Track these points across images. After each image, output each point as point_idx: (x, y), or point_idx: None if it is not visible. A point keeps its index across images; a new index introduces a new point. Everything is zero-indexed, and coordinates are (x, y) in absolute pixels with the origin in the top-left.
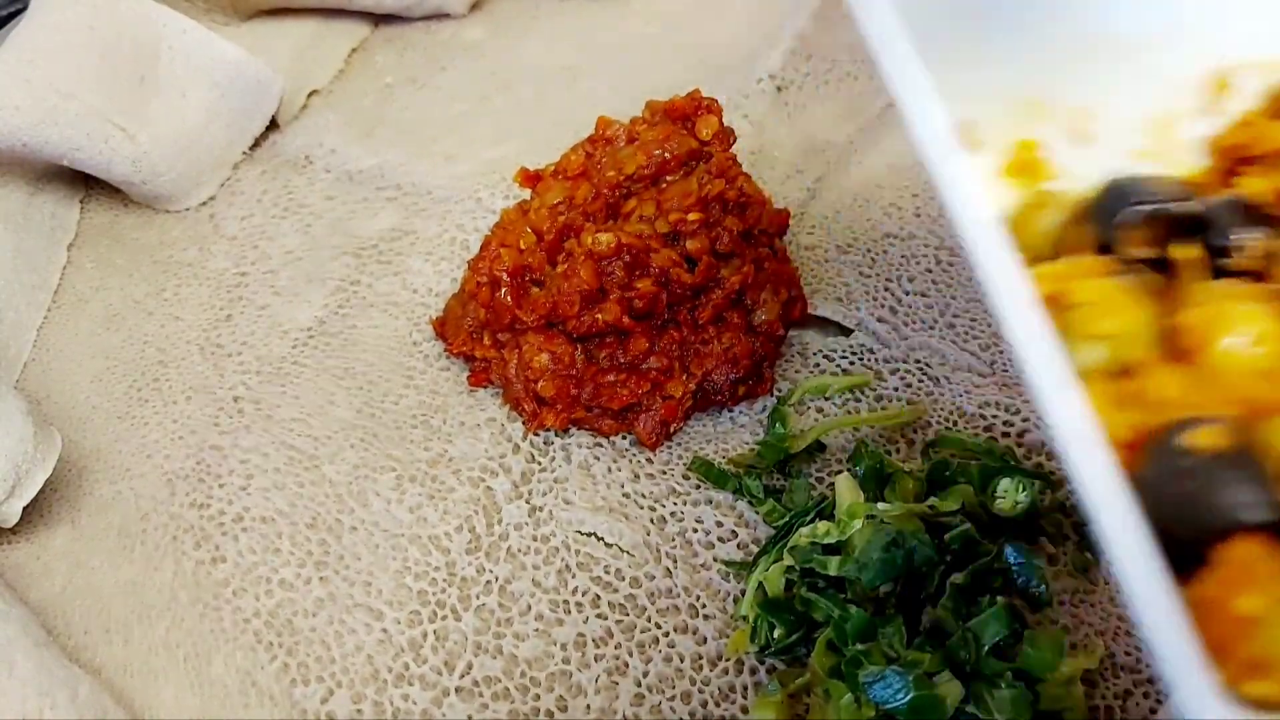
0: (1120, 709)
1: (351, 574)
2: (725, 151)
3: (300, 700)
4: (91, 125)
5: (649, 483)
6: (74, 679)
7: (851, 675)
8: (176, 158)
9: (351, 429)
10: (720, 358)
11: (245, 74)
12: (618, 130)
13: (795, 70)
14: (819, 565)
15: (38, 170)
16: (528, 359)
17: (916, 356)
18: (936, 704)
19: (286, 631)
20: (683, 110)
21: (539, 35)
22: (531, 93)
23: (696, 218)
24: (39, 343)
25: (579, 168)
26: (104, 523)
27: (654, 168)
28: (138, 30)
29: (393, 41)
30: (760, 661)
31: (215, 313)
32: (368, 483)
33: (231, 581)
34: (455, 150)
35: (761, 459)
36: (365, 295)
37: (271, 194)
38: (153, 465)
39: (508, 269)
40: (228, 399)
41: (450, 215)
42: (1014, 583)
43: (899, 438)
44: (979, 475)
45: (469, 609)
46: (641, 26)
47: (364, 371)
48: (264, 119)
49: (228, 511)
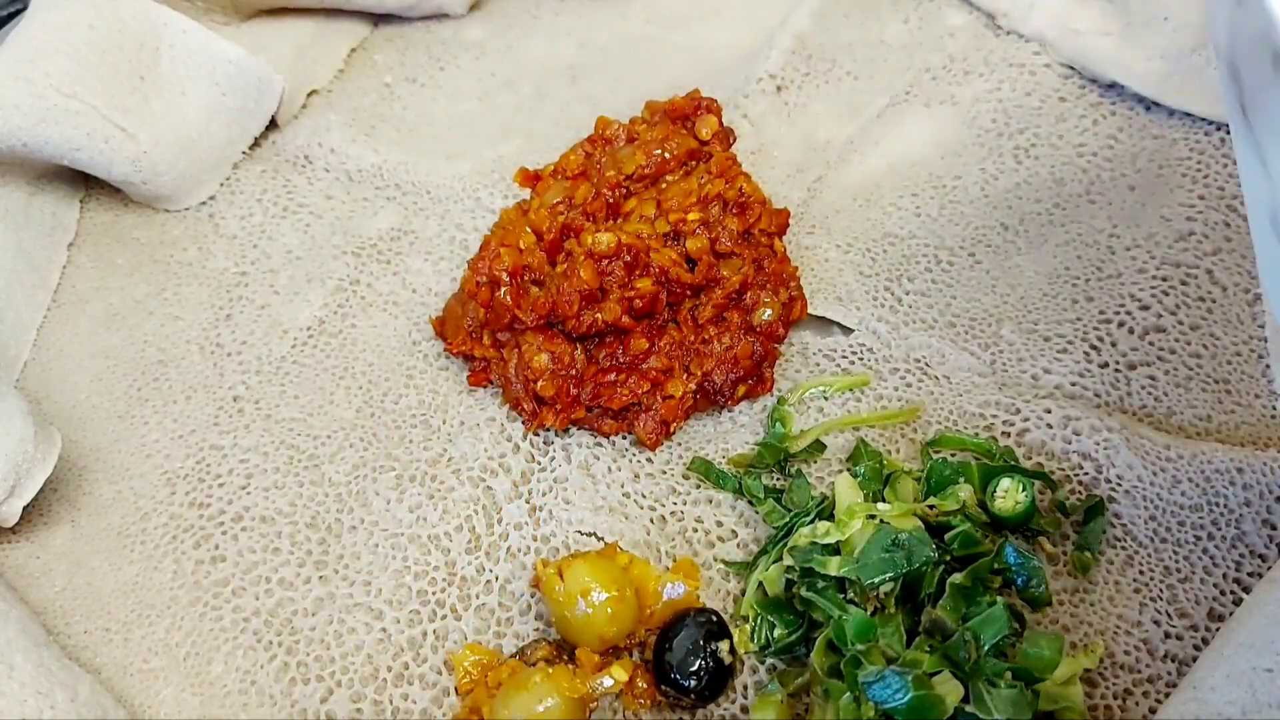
0: (1120, 709)
1: (351, 574)
2: (725, 151)
3: (300, 700)
4: (92, 125)
5: (649, 483)
6: (74, 679)
7: (851, 675)
8: (177, 157)
9: (351, 429)
10: (720, 358)
11: (245, 73)
12: (618, 130)
13: (795, 70)
14: (819, 565)
15: (38, 170)
16: (528, 359)
17: (916, 356)
18: (935, 704)
19: (286, 631)
20: (683, 110)
21: (539, 35)
22: (531, 92)
23: (696, 218)
24: (39, 342)
25: (579, 167)
26: (104, 523)
27: (654, 168)
28: (138, 30)
29: (393, 41)
30: (760, 661)
31: (215, 312)
32: (368, 482)
33: (231, 581)
34: (455, 150)
35: (761, 459)
36: (365, 295)
37: (271, 193)
38: (153, 465)
39: (508, 269)
40: (228, 399)
41: (450, 215)
42: (1014, 583)
43: (899, 438)
44: (979, 475)
45: (469, 609)
46: (641, 26)
47: (364, 371)
48: (264, 118)
49: (228, 511)
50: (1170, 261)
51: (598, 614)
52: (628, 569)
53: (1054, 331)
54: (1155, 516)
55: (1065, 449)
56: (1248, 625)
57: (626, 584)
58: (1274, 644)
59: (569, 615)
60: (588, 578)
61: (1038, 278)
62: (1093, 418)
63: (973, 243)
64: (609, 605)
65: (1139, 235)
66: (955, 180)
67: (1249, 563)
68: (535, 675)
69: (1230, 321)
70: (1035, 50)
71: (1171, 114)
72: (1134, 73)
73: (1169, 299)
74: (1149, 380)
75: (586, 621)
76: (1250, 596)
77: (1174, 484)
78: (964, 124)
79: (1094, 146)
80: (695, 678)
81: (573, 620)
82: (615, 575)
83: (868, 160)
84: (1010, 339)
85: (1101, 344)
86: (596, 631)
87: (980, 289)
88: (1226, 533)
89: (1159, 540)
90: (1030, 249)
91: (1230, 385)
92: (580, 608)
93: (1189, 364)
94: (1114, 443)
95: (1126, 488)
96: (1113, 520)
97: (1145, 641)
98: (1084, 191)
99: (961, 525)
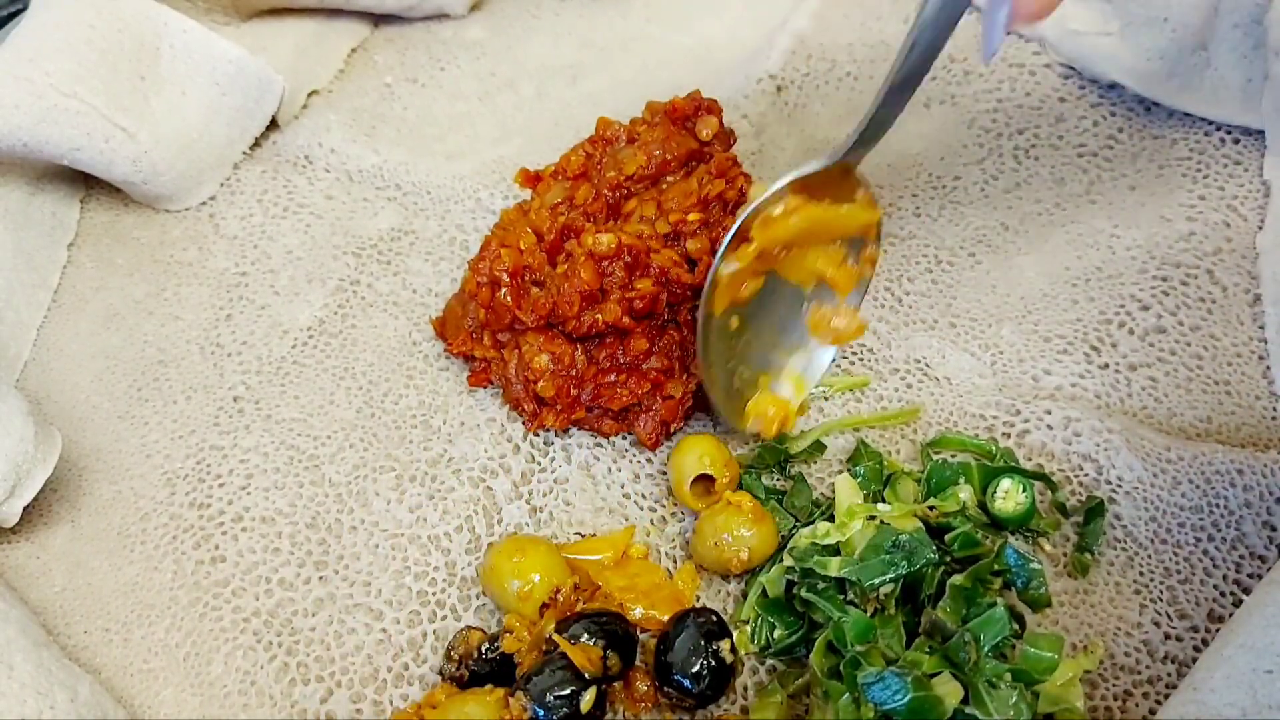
0: (1120, 709)
1: (351, 574)
2: (725, 151)
3: (300, 700)
4: (92, 124)
5: (649, 483)
6: (74, 679)
7: (850, 676)
8: (177, 157)
9: (352, 429)
10: None
11: (246, 73)
12: (618, 130)
13: (795, 70)
14: (819, 566)
15: (38, 170)
16: (528, 359)
17: (916, 357)
18: (935, 705)
19: (286, 631)
20: (683, 110)
21: (539, 35)
22: (532, 93)
23: (696, 218)
24: (39, 342)
25: (579, 168)
26: (104, 523)
27: (654, 168)
28: (138, 30)
29: (393, 41)
30: (760, 661)
31: (215, 312)
32: (368, 483)
33: (231, 581)
34: (456, 150)
35: (761, 460)
36: (365, 295)
37: (272, 194)
38: (153, 465)
39: (508, 269)
40: (228, 399)
41: (450, 215)
42: (1014, 584)
43: (899, 438)
44: (979, 476)
45: (469, 609)
46: (641, 26)
47: (364, 371)
48: (264, 118)
49: (228, 511)
50: (1170, 261)
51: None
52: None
53: (1054, 332)
54: (1156, 518)
55: (1066, 450)
56: (1247, 627)
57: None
58: (1274, 646)
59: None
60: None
61: (1038, 278)
62: (1093, 419)
63: (973, 243)
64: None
65: (1139, 235)
66: (955, 180)
67: (1249, 564)
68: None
69: (1231, 322)
70: (1035, 50)
71: (1171, 114)
72: (1134, 73)
73: (1169, 299)
74: (1150, 381)
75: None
76: (1250, 598)
77: (1174, 485)
78: (964, 124)
79: (1094, 146)
80: (697, 678)
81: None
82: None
83: (868, 160)
84: (1010, 339)
85: (1102, 345)
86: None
87: (980, 289)
88: (1227, 534)
89: (1159, 541)
90: (1030, 249)
91: (1231, 386)
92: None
93: (1189, 365)
94: (1114, 444)
95: (1127, 489)
96: (1113, 521)
97: (1145, 643)
98: (1084, 191)
99: (962, 526)
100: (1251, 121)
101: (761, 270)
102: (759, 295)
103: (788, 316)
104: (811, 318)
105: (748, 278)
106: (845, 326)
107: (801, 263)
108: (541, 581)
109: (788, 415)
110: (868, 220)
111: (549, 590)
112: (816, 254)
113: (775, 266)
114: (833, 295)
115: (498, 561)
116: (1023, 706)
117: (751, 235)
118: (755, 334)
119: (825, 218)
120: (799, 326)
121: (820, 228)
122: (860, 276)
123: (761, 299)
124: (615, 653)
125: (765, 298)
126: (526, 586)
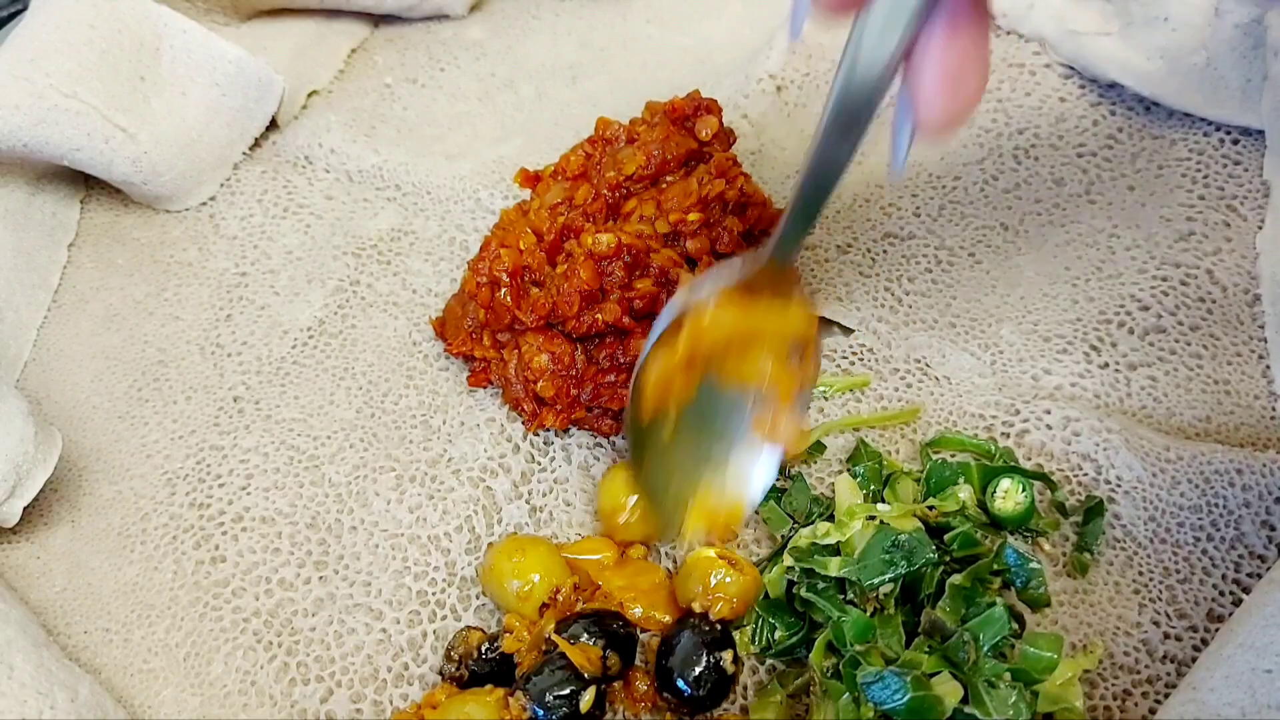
0: (1120, 709)
1: (351, 574)
2: (725, 151)
3: (300, 700)
4: (92, 125)
5: None
6: (74, 679)
7: (850, 676)
8: (177, 157)
9: (352, 429)
10: None
11: (245, 74)
12: (618, 130)
13: (795, 70)
14: (819, 566)
15: (38, 170)
16: (527, 359)
17: (916, 357)
18: (934, 705)
19: (286, 631)
20: (682, 110)
21: (539, 35)
22: (531, 93)
23: (696, 218)
24: (39, 343)
25: (579, 168)
26: (104, 523)
27: (654, 168)
28: (138, 30)
29: (393, 41)
30: (760, 662)
31: (215, 313)
32: (368, 483)
33: (231, 581)
34: (455, 150)
35: None
36: (365, 295)
37: (272, 194)
38: (153, 465)
39: (508, 269)
40: (228, 399)
41: (450, 215)
42: (1013, 583)
43: (899, 438)
44: (979, 476)
45: (469, 609)
46: (641, 26)
47: (364, 371)
48: (264, 119)
49: (228, 511)
50: (1170, 261)
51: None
52: None
53: (1054, 332)
54: (1155, 517)
55: (1065, 450)
56: (1247, 626)
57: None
58: (1273, 645)
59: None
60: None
61: (1038, 278)
62: (1093, 418)
63: (973, 243)
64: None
65: (1139, 235)
66: (955, 180)
67: (1248, 564)
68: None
69: (1230, 322)
70: (1035, 50)
71: (1171, 114)
72: (1134, 73)
73: (1169, 299)
74: (1149, 381)
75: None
76: (1249, 598)
77: (1174, 485)
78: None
79: (1094, 146)
80: (698, 684)
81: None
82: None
83: (868, 160)
84: (1010, 339)
85: (1101, 344)
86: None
87: (980, 289)
88: (1226, 534)
89: (1158, 541)
90: (1030, 249)
91: (1230, 386)
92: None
93: (1189, 365)
94: (1114, 443)
95: (1126, 489)
96: (1112, 521)
97: (1144, 642)
98: (1084, 191)
99: (961, 526)
100: (1251, 121)
101: (695, 376)
102: (694, 402)
103: (728, 424)
104: (755, 423)
105: (677, 380)
106: (787, 436)
107: (740, 367)
108: (541, 581)
109: (731, 519)
110: (804, 331)
111: (549, 590)
112: (755, 357)
113: (712, 370)
114: (775, 400)
115: (497, 561)
116: (1022, 706)
117: (678, 340)
118: (694, 443)
119: (754, 324)
120: (742, 432)
121: (752, 333)
122: (803, 381)
123: (698, 406)
124: (615, 652)
125: (702, 404)
126: (526, 586)
